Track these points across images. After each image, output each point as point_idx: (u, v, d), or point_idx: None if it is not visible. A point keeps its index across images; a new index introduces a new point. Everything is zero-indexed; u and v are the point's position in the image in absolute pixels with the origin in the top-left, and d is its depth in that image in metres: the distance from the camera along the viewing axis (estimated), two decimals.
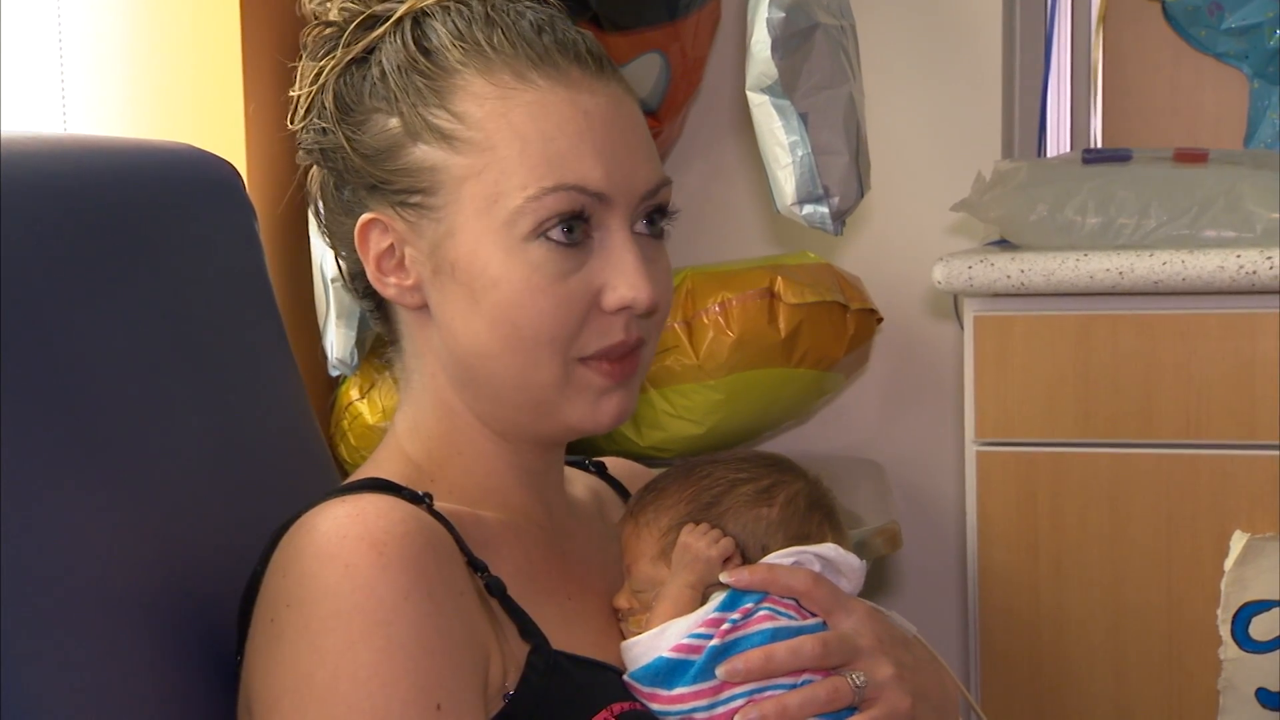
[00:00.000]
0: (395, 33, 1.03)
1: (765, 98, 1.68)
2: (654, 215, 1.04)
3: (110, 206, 1.07)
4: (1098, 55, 2.31)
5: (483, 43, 1.01)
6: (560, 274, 0.99)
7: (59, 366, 0.96)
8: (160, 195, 1.15)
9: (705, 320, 1.90)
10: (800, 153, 1.69)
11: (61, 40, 1.67)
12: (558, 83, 1.01)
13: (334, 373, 1.77)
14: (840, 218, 1.74)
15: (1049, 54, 2.30)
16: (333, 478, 1.26)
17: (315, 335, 1.76)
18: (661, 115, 2.06)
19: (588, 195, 0.99)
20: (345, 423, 1.83)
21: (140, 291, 1.07)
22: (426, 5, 1.03)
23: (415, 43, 1.02)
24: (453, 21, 1.02)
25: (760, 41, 1.66)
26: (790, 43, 1.66)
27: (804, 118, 1.68)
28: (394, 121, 1.02)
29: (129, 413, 1.01)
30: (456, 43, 1.01)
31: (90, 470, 0.96)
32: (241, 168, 1.56)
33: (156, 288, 1.09)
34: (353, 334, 1.70)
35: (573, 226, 0.99)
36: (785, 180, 1.71)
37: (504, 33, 1.02)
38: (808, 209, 1.71)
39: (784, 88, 1.67)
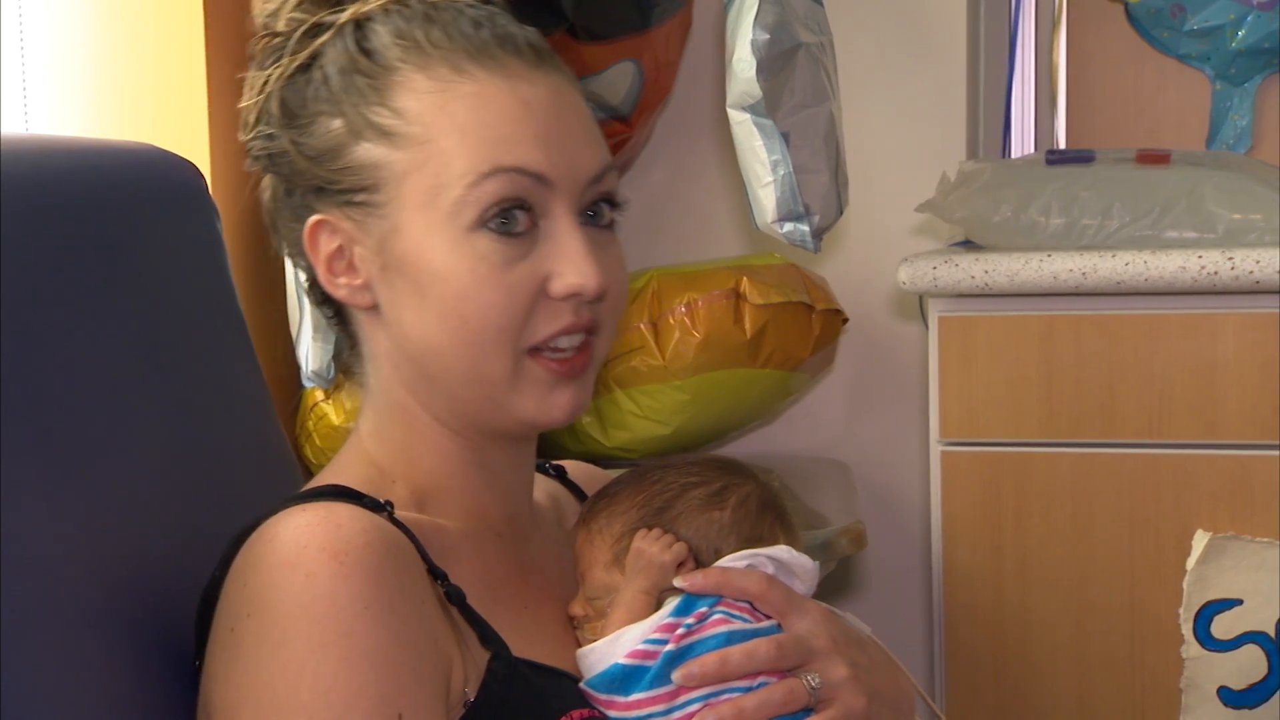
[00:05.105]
0: (338, 38, 1.04)
1: (747, 116, 1.67)
2: (600, 204, 1.04)
3: (71, 207, 1.07)
4: (1061, 57, 2.32)
5: (421, 40, 1.02)
6: (506, 263, 0.99)
7: (14, 368, 0.95)
8: (122, 195, 1.14)
9: (671, 321, 1.90)
10: (782, 171, 1.68)
11: (23, 39, 1.66)
12: (495, 74, 1.01)
13: (309, 384, 1.76)
14: (819, 235, 1.74)
15: (1013, 55, 2.31)
16: (296, 479, 1.26)
17: (282, 337, 1.75)
18: (633, 121, 2.06)
19: (528, 177, 0.99)
20: (311, 423, 1.83)
21: (101, 292, 1.07)
22: (370, 10, 1.04)
23: (357, 44, 1.03)
24: (394, 22, 1.03)
25: (743, 61, 1.65)
26: (774, 64, 1.65)
27: (785, 136, 1.67)
28: (337, 122, 1.02)
29: (88, 414, 1.01)
30: (396, 41, 1.02)
31: (48, 472, 0.95)
32: (205, 168, 1.56)
33: (117, 288, 1.09)
34: (330, 347, 1.69)
35: (515, 214, 0.99)
36: (766, 198, 1.70)
37: (443, 29, 1.02)
38: (788, 227, 1.71)
39: (767, 108, 1.66)
